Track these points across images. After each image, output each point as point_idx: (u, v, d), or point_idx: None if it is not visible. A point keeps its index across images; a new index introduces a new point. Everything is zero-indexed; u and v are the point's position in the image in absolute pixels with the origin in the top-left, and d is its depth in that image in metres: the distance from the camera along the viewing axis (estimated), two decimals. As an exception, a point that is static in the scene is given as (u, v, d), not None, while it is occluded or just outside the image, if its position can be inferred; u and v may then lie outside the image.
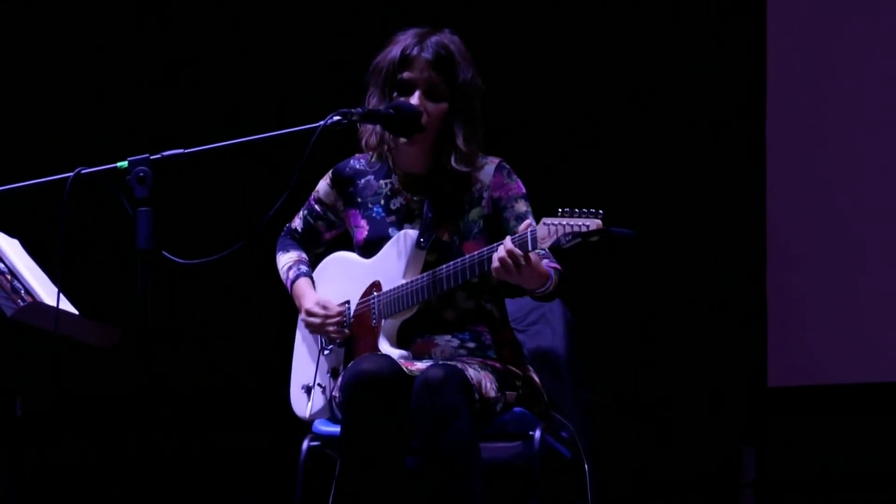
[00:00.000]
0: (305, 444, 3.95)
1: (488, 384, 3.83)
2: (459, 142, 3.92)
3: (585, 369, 4.17)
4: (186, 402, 5.85)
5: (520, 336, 4.10)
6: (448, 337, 3.94)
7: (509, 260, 3.67)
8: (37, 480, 5.65)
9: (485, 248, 3.76)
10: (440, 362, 3.82)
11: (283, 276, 4.15)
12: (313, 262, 4.17)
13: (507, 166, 3.99)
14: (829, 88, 5.68)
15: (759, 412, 5.73)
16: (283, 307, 4.20)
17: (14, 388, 4.13)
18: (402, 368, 3.78)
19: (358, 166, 4.09)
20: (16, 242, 4.04)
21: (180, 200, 5.38)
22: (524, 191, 3.97)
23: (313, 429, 3.99)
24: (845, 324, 5.62)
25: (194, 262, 3.40)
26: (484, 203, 3.95)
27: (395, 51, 3.93)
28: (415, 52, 3.91)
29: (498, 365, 3.92)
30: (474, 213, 3.96)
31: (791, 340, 5.69)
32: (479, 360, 3.90)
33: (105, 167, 3.31)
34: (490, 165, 3.98)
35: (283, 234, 4.21)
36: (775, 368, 5.70)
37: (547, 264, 3.80)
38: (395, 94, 3.91)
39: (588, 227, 3.56)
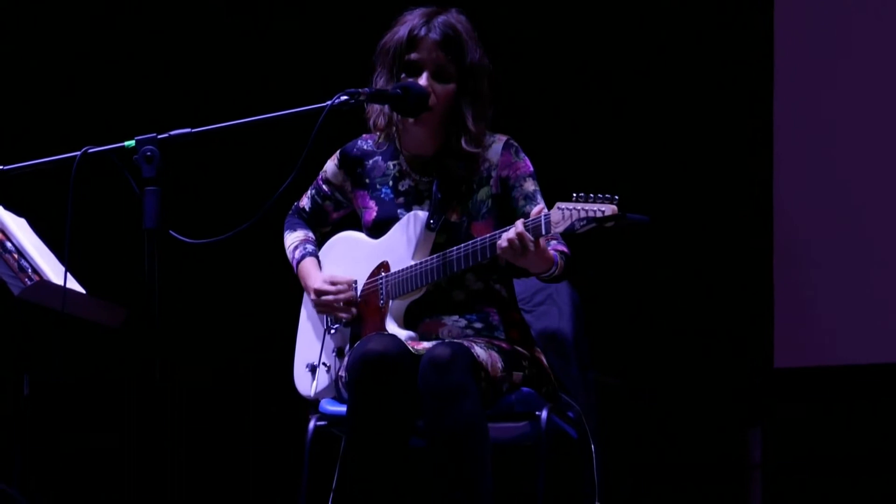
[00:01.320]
0: (312, 424, 3.95)
1: (495, 364, 3.84)
2: (469, 122, 3.91)
3: (592, 350, 4.17)
4: (192, 381, 5.86)
5: (527, 317, 4.10)
6: (455, 317, 3.93)
7: (517, 242, 3.66)
8: (44, 463, 5.66)
9: (497, 231, 3.75)
10: (447, 341, 3.83)
11: (289, 255, 4.15)
12: (320, 241, 4.16)
13: (515, 144, 3.98)
14: (838, 80, 5.67)
15: (766, 393, 5.73)
16: (290, 286, 4.20)
17: (22, 366, 4.14)
18: (408, 348, 3.78)
19: (366, 147, 4.07)
20: (23, 221, 4.04)
21: (188, 180, 5.38)
22: (532, 169, 3.96)
23: (320, 408, 3.99)
24: (852, 304, 5.62)
25: (201, 241, 3.40)
26: (492, 182, 3.94)
27: (402, 31, 3.91)
28: (422, 32, 3.89)
29: (505, 345, 3.91)
30: (482, 193, 3.95)
31: (797, 321, 5.69)
32: (486, 339, 3.90)
33: (112, 146, 3.31)
34: (497, 144, 3.97)
35: (290, 212, 4.20)
36: (782, 349, 5.70)
37: (554, 247, 3.80)
38: (402, 75, 3.90)
39: (604, 212, 3.56)
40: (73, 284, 3.91)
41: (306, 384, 4.04)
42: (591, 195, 3.58)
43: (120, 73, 5.94)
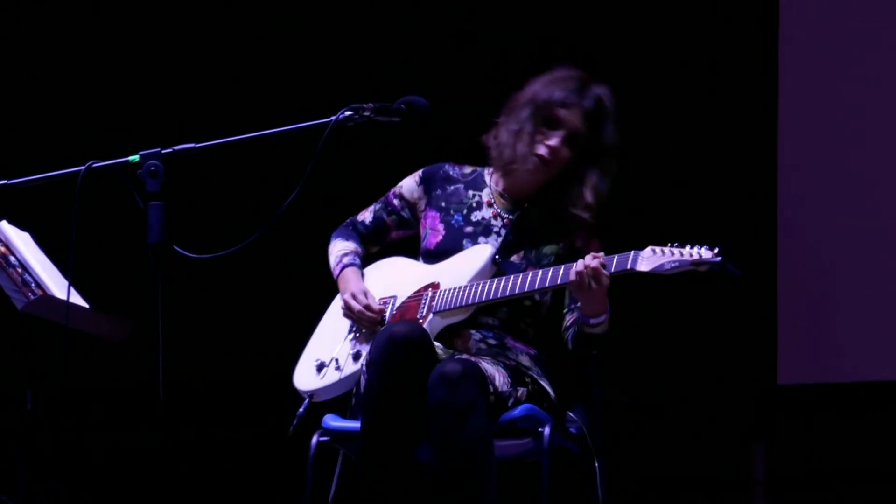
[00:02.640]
0: (315, 440, 3.94)
1: (501, 379, 3.85)
2: (588, 189, 3.96)
3: (596, 366, 4.17)
4: (196, 395, 5.86)
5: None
6: (474, 331, 3.96)
7: (592, 270, 3.70)
8: (47, 471, 5.65)
9: (571, 264, 3.79)
10: (455, 357, 3.83)
11: (333, 260, 4.16)
12: (366, 263, 4.18)
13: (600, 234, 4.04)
14: (841, 85, 5.67)
15: (770, 410, 5.72)
16: (294, 302, 4.20)
17: (25, 380, 4.14)
18: (430, 338, 3.80)
19: (452, 173, 4.14)
20: (27, 236, 4.05)
21: (191, 195, 5.38)
22: (603, 252, 3.98)
23: (323, 424, 3.98)
24: (856, 321, 5.61)
25: (205, 256, 3.40)
26: (563, 244, 3.99)
27: (558, 88, 3.97)
28: (576, 97, 3.96)
29: (510, 362, 3.92)
30: (550, 248, 4.00)
31: (801, 338, 5.69)
32: (493, 357, 3.90)
33: (116, 161, 3.31)
34: (586, 214, 4.01)
35: (345, 224, 4.23)
36: (785, 366, 5.70)
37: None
38: (541, 127, 3.94)
39: (701, 256, 3.61)
40: (76, 299, 3.91)
41: (307, 378, 4.02)
42: (687, 244, 3.67)
43: (125, 88, 5.94)
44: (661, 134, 5.77)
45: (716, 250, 3.66)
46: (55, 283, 3.91)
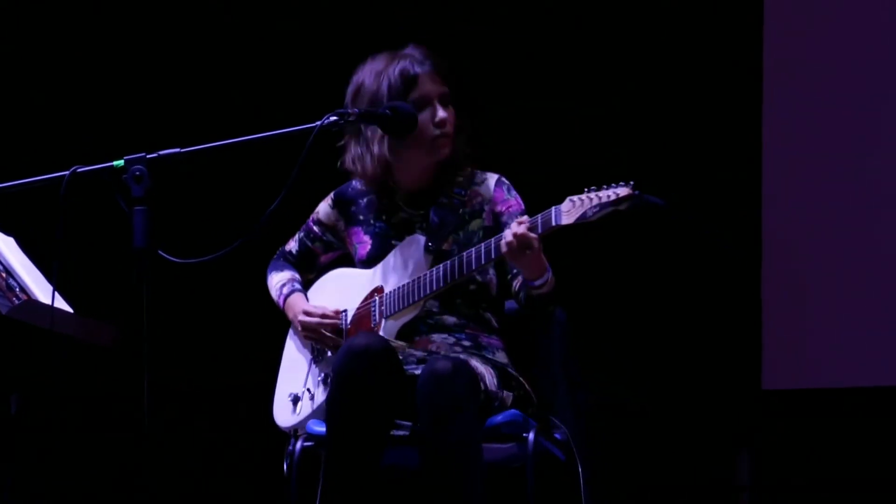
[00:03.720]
0: (299, 445, 3.94)
1: (490, 378, 3.86)
2: (463, 141, 3.97)
3: (580, 371, 4.17)
4: (182, 401, 5.85)
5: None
6: (445, 335, 3.95)
7: (520, 236, 3.70)
8: (32, 481, 5.64)
9: (500, 235, 3.78)
10: (444, 354, 3.84)
11: (275, 293, 4.17)
12: (306, 287, 4.18)
13: (507, 182, 4.04)
14: (826, 85, 5.68)
15: (754, 415, 5.73)
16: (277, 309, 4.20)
17: (9, 385, 4.13)
18: (391, 346, 3.80)
19: (360, 187, 4.12)
20: (11, 240, 4.04)
21: (177, 199, 5.38)
22: (523, 207, 4.02)
23: (307, 429, 3.98)
24: (841, 327, 5.62)
25: (190, 261, 3.40)
26: (485, 215, 3.99)
27: (391, 73, 3.92)
28: (415, 69, 3.93)
29: (499, 363, 3.94)
30: (475, 224, 3.99)
31: (786, 343, 5.69)
32: (479, 356, 3.91)
33: (101, 165, 3.31)
34: (490, 180, 4.03)
35: (276, 256, 4.25)
36: (770, 371, 5.70)
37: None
38: (415, 112, 3.87)
39: (618, 194, 3.59)
40: (61, 304, 3.90)
41: (286, 414, 4.04)
42: (604, 185, 3.62)
43: (110, 92, 5.93)
44: (644, 137, 5.77)
45: (631, 184, 3.61)
46: (40, 288, 3.90)
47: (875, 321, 5.57)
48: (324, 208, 4.16)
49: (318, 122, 3.50)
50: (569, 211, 3.65)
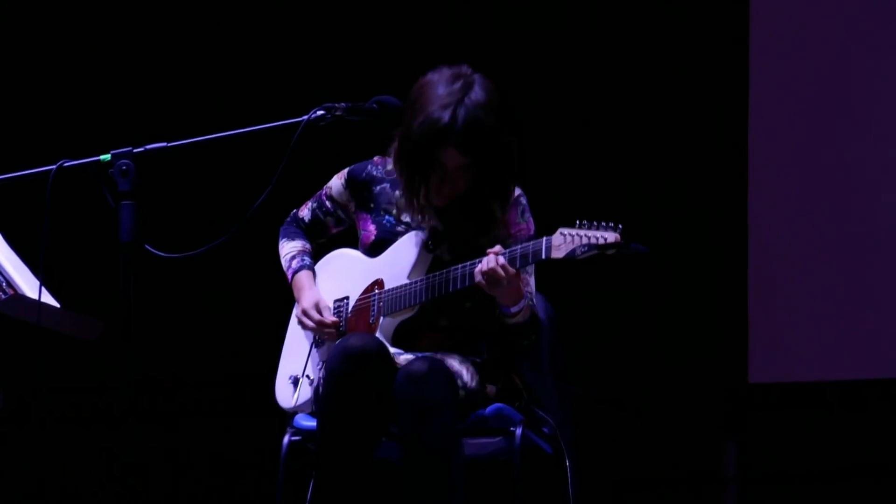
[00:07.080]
0: (287, 439, 3.94)
1: (468, 376, 3.85)
2: (491, 192, 3.87)
3: (567, 364, 4.18)
4: (169, 395, 5.85)
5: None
6: (437, 333, 3.95)
7: (500, 272, 3.67)
8: (20, 476, 5.64)
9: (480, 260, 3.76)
10: (421, 355, 3.83)
11: (284, 263, 4.13)
12: (317, 253, 4.16)
13: (525, 201, 3.99)
14: (812, 83, 5.69)
15: (741, 408, 5.74)
16: (266, 301, 4.19)
17: (-4, 380, 4.12)
18: (387, 348, 3.80)
19: (375, 172, 4.06)
20: (-3, 235, 4.03)
21: (163, 194, 5.37)
22: (533, 231, 3.96)
23: (294, 423, 3.98)
24: (827, 320, 5.63)
25: (177, 255, 3.40)
26: (492, 236, 3.91)
27: (429, 119, 3.78)
28: (446, 129, 3.77)
29: (478, 359, 3.93)
30: (483, 239, 3.90)
31: (772, 337, 5.70)
32: (461, 354, 3.91)
33: (88, 160, 3.31)
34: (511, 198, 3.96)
35: (288, 220, 4.20)
36: (756, 364, 5.71)
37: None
38: (424, 178, 3.83)
39: (606, 239, 3.58)
40: (47, 298, 3.90)
41: (287, 396, 4.04)
42: (595, 222, 3.61)
43: (96, 86, 5.93)
44: (629, 133, 5.78)
45: (620, 228, 3.59)
46: (26, 283, 3.89)
47: (859, 316, 5.59)
48: (337, 186, 4.09)
49: (306, 117, 3.50)
50: (559, 246, 3.63)
